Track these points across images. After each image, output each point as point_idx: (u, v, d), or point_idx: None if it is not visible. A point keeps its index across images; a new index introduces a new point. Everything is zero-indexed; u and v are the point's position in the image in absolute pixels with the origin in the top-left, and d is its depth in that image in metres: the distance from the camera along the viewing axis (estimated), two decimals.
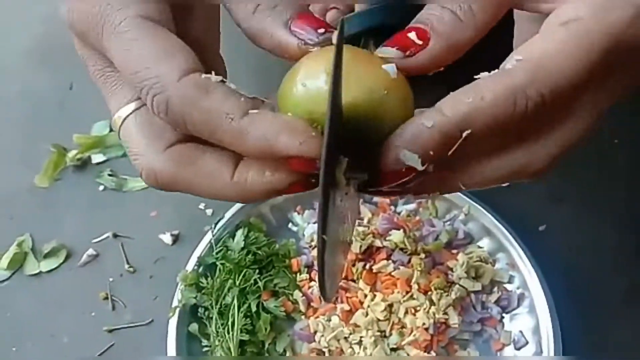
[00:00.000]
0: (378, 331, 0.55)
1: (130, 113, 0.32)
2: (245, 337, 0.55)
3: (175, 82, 0.28)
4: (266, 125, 0.27)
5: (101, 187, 0.68)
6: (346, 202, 0.30)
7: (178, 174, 0.30)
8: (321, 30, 0.29)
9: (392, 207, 0.62)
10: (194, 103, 0.27)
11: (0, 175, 0.69)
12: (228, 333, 0.55)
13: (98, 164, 0.69)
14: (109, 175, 0.68)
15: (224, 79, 0.29)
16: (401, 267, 0.57)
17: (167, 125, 0.30)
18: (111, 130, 0.70)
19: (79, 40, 0.33)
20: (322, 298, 0.28)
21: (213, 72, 0.29)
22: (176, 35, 0.30)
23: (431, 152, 0.27)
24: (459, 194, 0.60)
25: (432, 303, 0.56)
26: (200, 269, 0.59)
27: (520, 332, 0.57)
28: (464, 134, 0.26)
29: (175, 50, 0.29)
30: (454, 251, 0.60)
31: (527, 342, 0.57)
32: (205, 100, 0.27)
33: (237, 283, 0.57)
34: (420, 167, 0.26)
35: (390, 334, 0.56)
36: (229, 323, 0.55)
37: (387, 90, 0.27)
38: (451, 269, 0.58)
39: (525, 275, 0.58)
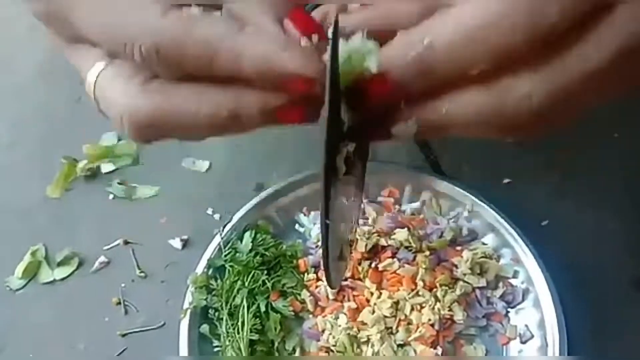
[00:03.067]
0: (385, 328, 0.56)
1: (101, 70, 0.30)
2: (255, 337, 0.56)
3: (159, 24, 0.26)
4: (265, 43, 0.26)
5: (111, 196, 0.69)
6: (348, 198, 0.31)
7: (163, 102, 0.28)
8: (314, 36, 0.28)
9: (397, 206, 0.64)
10: (184, 37, 0.26)
11: (14, 187, 0.71)
12: (238, 333, 0.56)
13: (107, 173, 0.71)
14: (119, 184, 0.70)
15: (205, 8, 0.27)
16: (406, 265, 0.58)
17: (139, 68, 0.29)
18: (119, 140, 0.72)
19: (43, 22, 0.32)
20: (328, 284, 0.28)
21: (192, 5, 0.27)
22: None
23: (395, 54, 0.26)
24: (461, 191, 0.61)
25: (437, 299, 0.57)
26: (210, 272, 0.60)
27: (526, 326, 0.58)
28: (425, 41, 0.25)
29: None
30: (459, 248, 0.61)
31: (532, 336, 0.58)
32: (195, 30, 0.26)
33: (246, 284, 0.58)
34: (374, 68, 0.25)
35: (397, 331, 0.56)
36: (239, 323, 0.57)
37: None
38: (456, 266, 0.59)
39: (529, 270, 0.59)
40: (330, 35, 0.25)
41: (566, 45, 0.25)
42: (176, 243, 0.66)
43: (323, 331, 0.58)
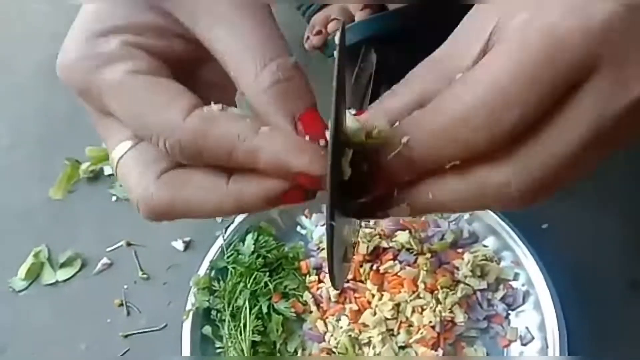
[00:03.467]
0: (386, 330, 0.57)
1: (126, 152, 0.33)
2: (257, 338, 0.57)
3: (181, 122, 0.28)
4: (278, 144, 0.28)
5: (114, 198, 0.70)
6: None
7: (174, 195, 0.31)
8: (322, 143, 0.29)
9: None
10: (205, 135, 0.28)
11: (17, 188, 0.71)
12: (240, 334, 0.56)
13: (110, 175, 0.71)
14: (121, 186, 0.70)
15: (224, 106, 0.30)
16: (407, 267, 0.59)
17: (159, 156, 0.31)
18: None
19: (79, 96, 0.34)
20: (332, 285, 0.29)
21: (212, 103, 0.30)
22: (190, 82, 0.31)
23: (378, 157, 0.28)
24: None
25: (438, 302, 0.57)
26: (212, 273, 0.60)
27: (526, 328, 0.59)
28: (403, 140, 0.27)
29: (174, 93, 0.30)
30: (460, 250, 0.61)
31: (533, 338, 0.58)
32: (215, 129, 0.28)
33: (248, 286, 0.58)
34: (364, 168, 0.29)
35: (398, 333, 0.57)
36: (241, 325, 0.57)
37: None
38: (457, 268, 0.60)
39: (530, 273, 0.59)
40: (337, 40, 0.26)
41: (536, 132, 0.27)
42: (178, 245, 0.66)
43: (325, 333, 0.58)
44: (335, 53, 0.25)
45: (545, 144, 0.26)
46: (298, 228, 0.65)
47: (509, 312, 0.60)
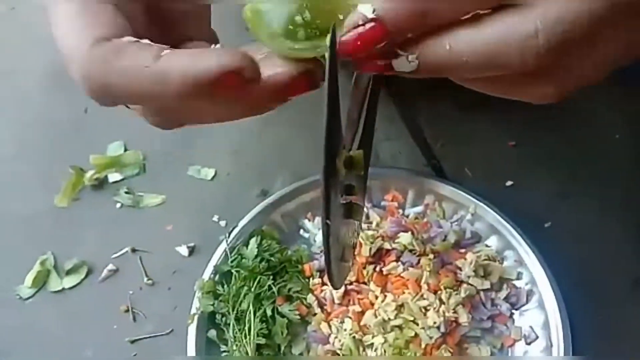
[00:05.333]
0: (390, 331, 0.57)
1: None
2: (262, 341, 0.57)
3: (87, 50, 0.27)
4: (183, 59, 0.26)
5: (118, 205, 0.70)
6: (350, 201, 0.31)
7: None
8: None
9: (400, 211, 0.64)
10: (109, 66, 0.27)
11: (22, 196, 0.72)
12: (245, 338, 0.57)
13: (114, 182, 0.72)
14: (126, 193, 0.71)
15: (139, 39, 0.28)
16: (410, 268, 0.59)
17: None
18: (125, 150, 0.73)
19: None
20: (330, 284, 0.29)
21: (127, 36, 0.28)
22: (156, 7, 0.30)
23: (390, 2, 0.26)
24: (464, 194, 0.62)
25: (442, 302, 0.57)
26: (217, 277, 0.61)
27: (531, 327, 0.59)
28: None
29: (90, 18, 0.28)
30: (462, 251, 0.61)
31: (537, 337, 0.58)
32: (117, 61, 0.27)
33: (253, 289, 0.59)
34: (370, 14, 0.25)
35: (402, 334, 0.57)
36: (246, 328, 0.57)
37: None
38: (460, 268, 0.60)
39: (533, 272, 0.59)
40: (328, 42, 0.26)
41: None
42: (183, 250, 0.66)
43: (329, 335, 0.58)
44: (327, 54, 0.25)
45: None
46: (301, 231, 0.65)
47: (513, 311, 0.60)
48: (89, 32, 0.28)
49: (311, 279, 0.61)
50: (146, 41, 0.28)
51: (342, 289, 0.59)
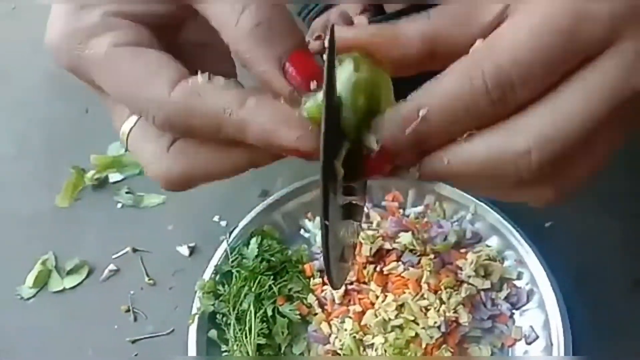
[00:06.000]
0: (390, 331, 0.57)
1: (133, 126, 0.33)
2: (263, 341, 0.57)
3: (167, 97, 0.28)
4: (265, 118, 0.27)
5: (119, 205, 0.70)
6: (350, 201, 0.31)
7: (189, 165, 0.30)
8: (313, 86, 0.28)
9: (401, 210, 0.64)
10: (191, 111, 0.28)
11: (23, 197, 0.72)
12: (246, 337, 0.57)
13: (115, 182, 0.72)
14: (126, 193, 0.71)
15: (210, 75, 0.29)
16: (411, 268, 0.59)
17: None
18: (126, 149, 0.73)
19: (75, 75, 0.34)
20: (329, 284, 0.29)
21: (199, 72, 0.29)
22: (174, 44, 0.31)
23: (392, 134, 0.27)
24: (464, 194, 0.62)
25: (442, 302, 0.57)
26: (217, 277, 0.61)
27: (531, 327, 0.59)
28: (421, 113, 0.26)
29: (159, 65, 0.29)
30: (463, 251, 0.61)
31: (537, 337, 0.58)
32: (200, 104, 0.28)
33: (253, 289, 0.59)
34: (375, 147, 0.27)
35: (403, 334, 0.57)
36: (247, 328, 0.57)
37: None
38: (460, 268, 0.60)
39: (533, 272, 0.59)
40: (327, 44, 0.26)
41: (555, 98, 0.26)
42: (184, 250, 0.66)
43: (329, 335, 0.58)
44: (325, 56, 0.25)
45: (565, 110, 0.26)
46: (302, 231, 0.65)
47: (513, 311, 0.60)
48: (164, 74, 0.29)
49: (312, 278, 0.61)
50: (222, 81, 0.29)
51: (343, 288, 0.59)
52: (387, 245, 0.60)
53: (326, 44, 0.25)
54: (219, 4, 0.29)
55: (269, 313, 0.58)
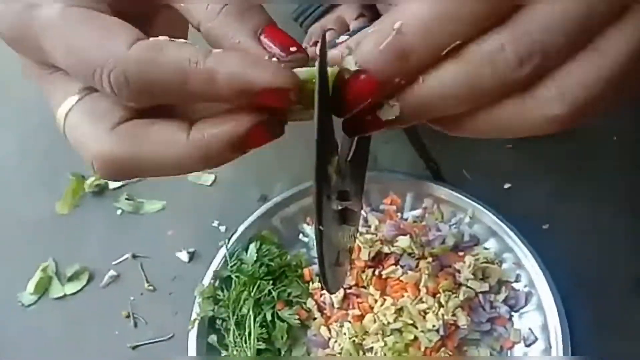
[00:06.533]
0: (389, 334, 0.57)
1: (74, 105, 0.30)
2: (262, 346, 0.57)
3: (125, 52, 0.26)
4: (235, 61, 0.26)
5: (119, 211, 0.71)
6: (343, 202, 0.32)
7: (131, 150, 0.28)
8: (293, 49, 0.28)
9: (399, 214, 0.65)
10: (152, 62, 0.26)
11: (23, 204, 0.72)
12: (245, 342, 0.57)
13: (115, 189, 0.72)
14: (126, 199, 0.71)
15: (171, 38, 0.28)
16: (409, 272, 0.59)
17: (110, 107, 0.29)
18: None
19: (13, 48, 0.32)
20: (325, 289, 0.29)
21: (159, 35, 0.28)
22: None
23: (367, 49, 0.25)
24: (462, 197, 0.62)
25: (441, 305, 0.58)
26: (217, 283, 0.61)
27: (530, 329, 0.59)
28: (395, 26, 0.25)
29: (116, 27, 0.28)
30: (461, 253, 0.62)
31: (536, 339, 0.58)
32: (162, 56, 0.26)
33: (252, 294, 0.59)
34: (352, 67, 0.26)
35: (402, 337, 0.57)
36: (246, 333, 0.58)
37: None
38: (458, 271, 0.60)
39: (531, 274, 0.60)
40: (318, 51, 0.26)
41: (573, 51, 0.24)
42: (183, 255, 0.67)
43: (329, 339, 0.59)
44: (317, 63, 0.26)
45: (585, 63, 0.24)
46: (300, 236, 0.65)
47: (512, 313, 0.60)
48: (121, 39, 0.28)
49: (311, 283, 0.61)
50: (182, 40, 0.28)
51: (342, 293, 0.59)
52: (386, 249, 0.60)
53: (317, 51, 0.25)
54: None
55: (269, 318, 0.58)
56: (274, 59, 0.27)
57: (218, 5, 0.28)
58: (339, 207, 0.31)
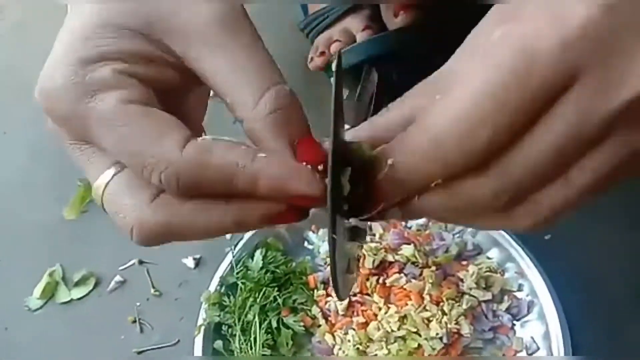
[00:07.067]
0: (393, 342, 0.58)
1: (110, 179, 0.32)
2: (267, 352, 0.58)
3: (179, 154, 0.28)
4: (277, 168, 0.29)
5: None
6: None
7: (170, 220, 0.30)
8: (320, 167, 0.30)
9: (403, 223, 0.65)
10: (203, 165, 0.29)
11: (31, 209, 0.73)
12: (251, 349, 0.58)
13: None
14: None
15: (215, 136, 0.30)
16: (413, 280, 0.60)
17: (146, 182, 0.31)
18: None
19: (55, 122, 0.34)
20: (336, 296, 0.30)
21: (203, 134, 0.31)
22: (173, 109, 0.31)
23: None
24: None
25: (444, 313, 0.58)
26: (223, 289, 0.62)
27: (532, 338, 0.59)
28: (388, 162, 0.28)
29: (168, 126, 0.30)
30: (464, 262, 0.62)
31: (538, 348, 0.59)
32: (212, 159, 0.29)
33: (258, 301, 0.60)
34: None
35: (405, 345, 0.58)
36: (252, 339, 0.58)
37: None
38: (462, 280, 0.61)
39: (533, 283, 0.60)
40: (334, 68, 0.27)
41: (517, 143, 0.27)
42: (189, 262, 0.67)
43: (333, 346, 0.59)
44: (332, 80, 0.27)
45: (524, 152, 0.27)
46: (305, 243, 0.66)
47: (514, 322, 0.61)
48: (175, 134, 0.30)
49: (315, 290, 0.62)
50: (227, 139, 0.30)
51: (347, 300, 0.60)
52: (390, 258, 0.61)
53: (333, 67, 0.26)
54: (237, 83, 0.30)
55: (274, 324, 0.59)
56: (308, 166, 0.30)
57: (266, 108, 0.30)
58: (348, 225, 0.32)
